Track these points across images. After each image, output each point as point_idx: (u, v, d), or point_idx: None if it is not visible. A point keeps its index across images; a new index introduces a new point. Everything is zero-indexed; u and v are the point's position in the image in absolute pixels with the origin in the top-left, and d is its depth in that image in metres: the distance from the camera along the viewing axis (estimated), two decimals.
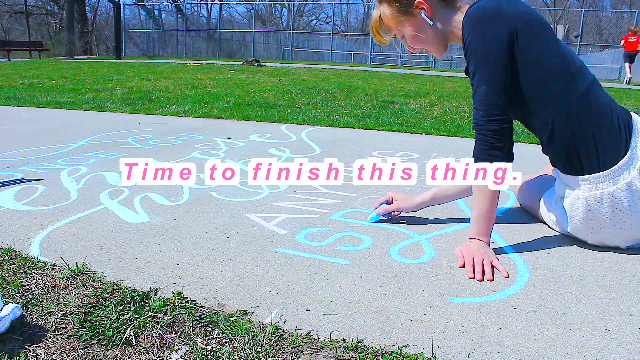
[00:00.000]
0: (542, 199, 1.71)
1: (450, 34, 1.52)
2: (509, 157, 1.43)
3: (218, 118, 4.23)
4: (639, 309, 1.19)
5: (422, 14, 1.49)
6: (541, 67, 1.39)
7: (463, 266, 1.38)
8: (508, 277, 1.34)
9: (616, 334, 1.08)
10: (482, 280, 1.32)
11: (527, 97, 1.42)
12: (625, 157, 1.38)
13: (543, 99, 1.42)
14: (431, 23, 1.51)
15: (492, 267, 1.37)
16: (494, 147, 1.40)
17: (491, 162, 1.41)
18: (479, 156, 1.44)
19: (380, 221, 1.74)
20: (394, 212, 1.76)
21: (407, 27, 1.54)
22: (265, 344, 1.00)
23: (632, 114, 1.47)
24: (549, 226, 1.71)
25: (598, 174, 1.40)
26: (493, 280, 1.32)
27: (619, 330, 1.09)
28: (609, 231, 1.47)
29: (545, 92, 1.41)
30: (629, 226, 1.44)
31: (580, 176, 1.44)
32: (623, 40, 13.45)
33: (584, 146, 1.41)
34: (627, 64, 13.20)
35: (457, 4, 1.51)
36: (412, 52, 1.63)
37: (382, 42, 1.64)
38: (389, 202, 1.78)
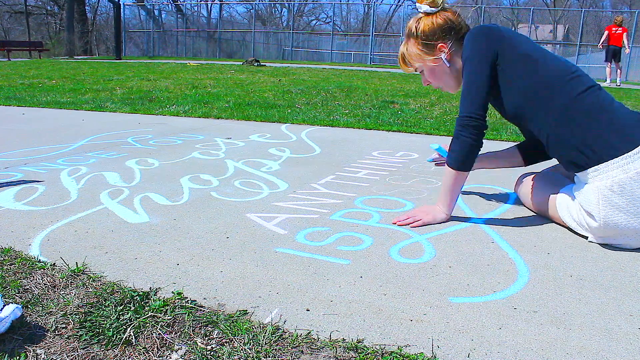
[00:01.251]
0: (557, 199, 1.71)
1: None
2: (469, 149, 1.64)
3: (218, 118, 4.23)
4: (639, 309, 1.19)
5: (442, 57, 1.74)
6: (521, 86, 1.61)
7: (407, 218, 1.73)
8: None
9: (616, 334, 1.08)
10: (402, 224, 1.69)
11: (516, 112, 1.66)
12: (637, 148, 1.44)
13: (529, 115, 1.62)
14: (448, 65, 1.75)
15: (423, 225, 1.69)
16: (458, 138, 1.65)
17: (452, 151, 1.67)
18: (454, 142, 1.67)
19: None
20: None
21: (427, 65, 1.77)
22: (265, 344, 1.00)
23: None
24: (566, 227, 1.69)
25: (606, 163, 1.47)
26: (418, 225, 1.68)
27: (619, 330, 1.09)
28: (629, 224, 1.48)
29: (528, 109, 1.62)
30: None
31: (589, 169, 1.51)
32: (606, 33, 10.82)
33: (581, 146, 1.52)
34: (609, 64, 10.92)
35: None
36: (427, 85, 1.85)
37: (408, 71, 1.88)
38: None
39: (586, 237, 1.61)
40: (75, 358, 0.95)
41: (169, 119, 4.13)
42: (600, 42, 11.05)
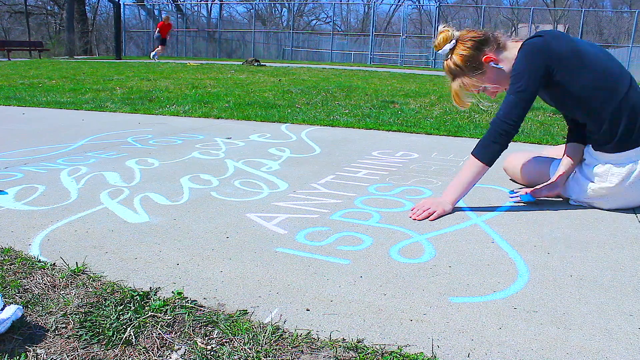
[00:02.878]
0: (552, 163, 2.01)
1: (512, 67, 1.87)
2: (500, 152, 1.86)
3: (218, 118, 4.23)
4: (639, 309, 1.19)
5: (492, 64, 1.89)
6: (574, 92, 1.81)
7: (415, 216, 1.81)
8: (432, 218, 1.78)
9: (616, 334, 1.08)
10: (417, 219, 1.77)
11: (572, 110, 1.92)
12: None
13: (585, 111, 1.84)
14: (501, 67, 1.89)
15: (435, 218, 1.78)
16: (495, 140, 1.84)
17: (487, 147, 1.85)
18: (484, 140, 1.87)
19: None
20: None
21: (486, 82, 1.91)
22: (265, 343, 1.00)
23: None
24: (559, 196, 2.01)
25: (627, 152, 1.79)
26: (423, 219, 1.77)
27: (619, 330, 1.09)
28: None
29: (585, 105, 1.83)
30: None
31: (613, 154, 1.82)
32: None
33: (615, 135, 1.80)
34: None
35: (506, 45, 1.91)
36: (494, 97, 1.99)
37: (466, 107, 2.02)
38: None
39: (568, 200, 1.98)
40: (75, 358, 0.95)
41: (169, 119, 4.13)
42: None
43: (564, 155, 2.02)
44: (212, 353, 0.97)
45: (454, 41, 1.89)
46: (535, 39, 1.82)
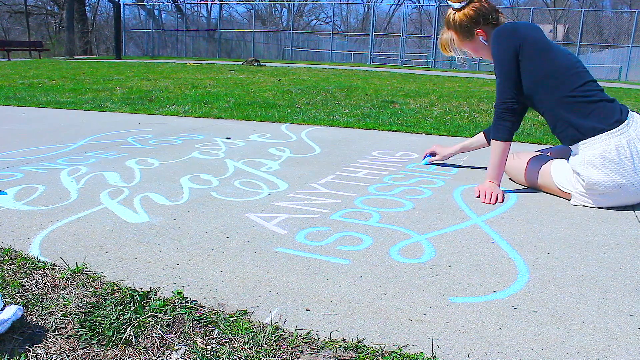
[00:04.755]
0: (551, 166, 2.10)
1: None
2: (513, 127, 2.07)
3: (218, 118, 4.23)
4: (639, 309, 1.19)
5: (480, 39, 2.15)
6: (535, 75, 2.00)
7: (478, 196, 2.05)
8: (502, 201, 2.01)
9: (616, 334, 1.08)
10: (491, 203, 1.98)
11: (528, 94, 2.05)
12: (617, 128, 1.88)
13: (538, 96, 2.03)
14: (486, 43, 2.15)
15: (502, 200, 2.01)
16: (502, 119, 2.06)
17: (498, 127, 2.07)
18: (493, 123, 2.10)
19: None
20: (435, 158, 2.63)
21: (469, 47, 2.20)
22: (265, 343, 1.00)
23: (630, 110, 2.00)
24: (552, 193, 2.10)
25: (591, 138, 1.91)
26: (502, 201, 2.00)
27: (619, 330, 1.09)
28: (606, 182, 1.90)
29: (538, 92, 2.02)
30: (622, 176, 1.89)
31: (580, 142, 1.94)
32: None
33: (576, 126, 1.95)
34: None
35: (499, 24, 2.13)
36: (471, 57, 2.28)
37: (448, 54, 2.28)
38: (433, 154, 2.64)
39: (569, 200, 2.03)
40: (75, 358, 0.95)
41: (169, 119, 4.13)
42: None
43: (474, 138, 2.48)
44: (212, 353, 0.97)
45: (464, 3, 2.10)
46: (505, 24, 2.08)
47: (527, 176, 2.21)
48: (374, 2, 23.09)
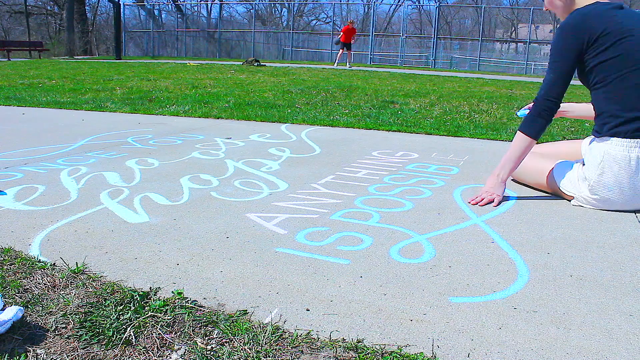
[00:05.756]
0: (555, 167, 2.07)
1: (569, 12, 1.99)
2: (545, 126, 2.00)
3: (218, 118, 4.23)
4: (639, 309, 1.19)
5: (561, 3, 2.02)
6: (601, 68, 1.88)
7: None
8: (497, 205, 1.96)
9: (616, 334, 1.08)
10: (478, 204, 1.95)
11: (592, 84, 1.95)
12: None
13: (601, 86, 1.92)
14: (559, 7, 2.02)
15: (497, 204, 1.96)
16: (540, 116, 1.98)
17: (533, 122, 1.99)
18: (529, 116, 2.01)
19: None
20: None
21: (552, 6, 2.06)
22: (265, 343, 1.00)
23: None
24: (553, 193, 2.10)
25: (620, 138, 1.86)
26: (495, 205, 1.96)
27: (619, 330, 1.09)
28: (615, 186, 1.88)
29: (603, 81, 1.90)
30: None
31: (606, 135, 1.90)
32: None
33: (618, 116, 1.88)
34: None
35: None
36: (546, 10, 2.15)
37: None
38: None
39: (570, 201, 2.02)
40: (75, 358, 0.95)
41: (169, 119, 4.13)
42: None
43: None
44: (212, 353, 0.97)
45: None
46: (573, 14, 1.92)
47: (528, 175, 2.21)
48: (374, 2, 23.08)
